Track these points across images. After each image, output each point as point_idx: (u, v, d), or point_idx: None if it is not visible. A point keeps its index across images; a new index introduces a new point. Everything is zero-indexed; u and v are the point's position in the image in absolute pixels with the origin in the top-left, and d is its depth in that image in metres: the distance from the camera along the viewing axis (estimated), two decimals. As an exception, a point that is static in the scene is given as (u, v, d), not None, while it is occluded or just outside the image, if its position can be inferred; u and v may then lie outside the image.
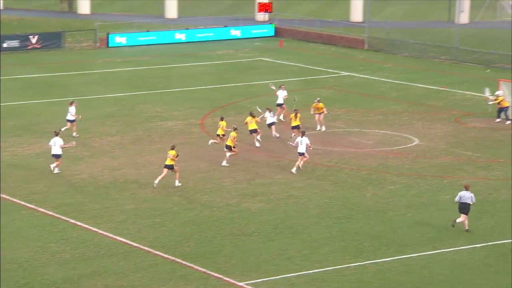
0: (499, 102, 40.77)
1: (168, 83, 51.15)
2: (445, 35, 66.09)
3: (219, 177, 32.92)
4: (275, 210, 29.43)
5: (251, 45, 65.05)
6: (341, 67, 55.75)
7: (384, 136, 38.84)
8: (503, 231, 27.34)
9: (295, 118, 37.35)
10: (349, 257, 25.39)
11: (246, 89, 49.53)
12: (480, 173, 33.41)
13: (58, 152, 32.82)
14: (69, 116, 38.33)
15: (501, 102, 40.74)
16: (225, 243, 26.52)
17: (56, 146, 32.79)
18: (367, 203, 30.05)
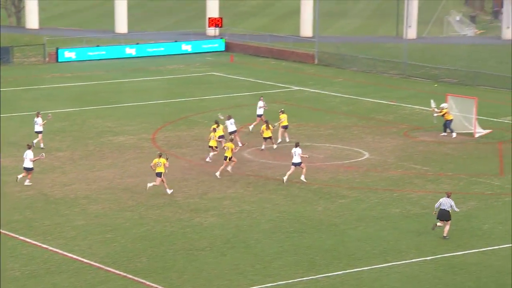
0: (443, 114, 41.37)
1: (119, 98, 50.89)
2: (393, 50, 66.98)
3: (171, 192, 32.79)
4: (227, 224, 29.42)
5: (202, 59, 65.12)
6: (291, 82, 56.09)
7: (335, 150, 39.14)
8: (452, 244, 27.70)
9: (266, 129, 37.71)
10: (301, 271, 25.48)
11: (197, 103, 49.53)
12: (429, 186, 33.85)
13: (28, 165, 33.02)
14: (37, 127, 38.67)
15: (445, 115, 41.33)
16: (177, 258, 26.42)
17: (27, 159, 32.97)
18: (318, 217, 30.22)
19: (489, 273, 25.35)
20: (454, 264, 26.01)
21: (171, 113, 46.90)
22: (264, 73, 59.77)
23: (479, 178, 34.82)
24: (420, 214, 30.45)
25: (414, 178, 34.80)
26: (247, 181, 34.27)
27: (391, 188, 33.51)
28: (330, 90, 53.50)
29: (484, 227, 29.22)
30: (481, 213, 30.58)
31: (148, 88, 54.33)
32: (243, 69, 61.34)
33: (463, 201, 31.84)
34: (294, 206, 31.35)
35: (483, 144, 40.14)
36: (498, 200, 32.06)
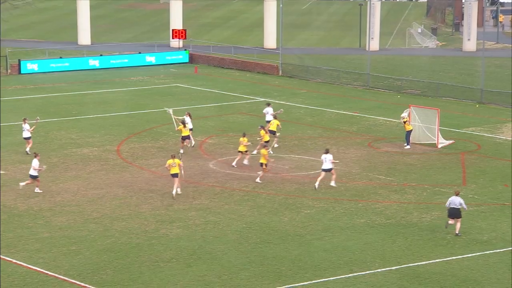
0: (404, 123, 41.65)
1: (83, 110, 50.59)
2: (357, 62, 67.52)
3: (136, 204, 32.68)
4: (193, 236, 29.36)
5: (166, 71, 65.03)
6: (256, 93, 56.23)
7: (300, 160, 39.28)
8: (417, 253, 27.92)
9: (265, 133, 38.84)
10: (268, 282, 25.50)
11: (162, 115, 49.37)
12: (393, 196, 34.10)
13: (33, 173, 33.56)
14: (25, 133, 39.31)
15: (405, 124, 41.64)
16: (143, 270, 26.28)
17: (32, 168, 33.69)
18: (284, 227, 30.28)
19: (453, 282, 25.57)
20: (418, 274, 26.21)
21: (136, 124, 46.74)
22: (228, 84, 59.86)
23: (443, 188, 35.17)
24: (385, 224, 30.65)
25: (379, 189, 35.04)
26: (213, 192, 34.24)
27: (356, 198, 33.70)
28: (294, 101, 53.72)
29: (447, 236, 29.49)
30: (445, 223, 30.85)
31: (112, 99, 54.09)
32: (207, 80, 61.38)
33: (427, 211, 32.13)
34: (260, 217, 31.38)
35: (446, 154, 40.56)
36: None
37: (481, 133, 45.24)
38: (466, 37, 76.00)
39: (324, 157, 34.66)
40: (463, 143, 42.62)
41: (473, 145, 42.52)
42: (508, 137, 44.38)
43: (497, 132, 45.60)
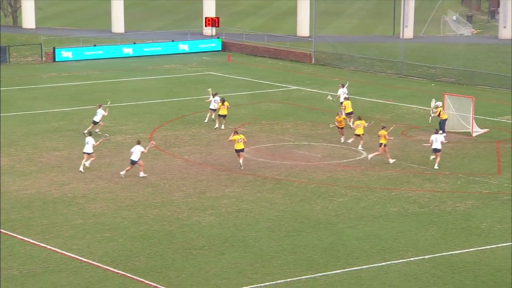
0: (438, 114, 41.32)
1: (116, 97, 50.83)
2: (390, 50, 67.06)
3: (169, 191, 32.82)
4: (225, 223, 29.42)
5: (199, 59, 65.13)
6: (289, 81, 56.11)
7: (333, 149, 39.15)
8: (450, 242, 27.73)
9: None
10: (300, 270, 25.49)
11: (195, 103, 49.51)
12: (426, 185, 33.87)
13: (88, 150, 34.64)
14: (97, 117, 40.52)
15: (440, 114, 41.28)
16: (176, 257, 26.41)
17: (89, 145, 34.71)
18: (317, 216, 30.22)
19: (487, 272, 25.37)
20: (452, 263, 26.02)
21: (168, 112, 46.89)
22: (261, 72, 59.79)
23: (477, 177, 34.86)
24: (418, 213, 30.48)
25: (412, 177, 34.82)
26: (245, 180, 34.27)
27: (389, 187, 33.53)
28: (327, 89, 53.51)
29: (482, 225, 29.25)
30: (479, 212, 30.61)
31: (145, 87, 54.31)
32: (240, 68, 61.35)
33: (461, 200, 31.88)
34: (292, 205, 31.35)
35: (480, 143, 40.18)
36: (496, 199, 32.10)
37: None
38: (502, 24, 75.09)
39: (434, 137, 35.72)
40: (498, 131, 42.18)
41: (508, 133, 42.06)
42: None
43: (533, 120, 45.08)
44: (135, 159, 34.05)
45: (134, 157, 34.07)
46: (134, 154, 34.02)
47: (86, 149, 34.99)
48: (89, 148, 34.90)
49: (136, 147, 34.13)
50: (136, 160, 34.03)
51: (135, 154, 34.01)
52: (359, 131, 38.24)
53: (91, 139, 35.02)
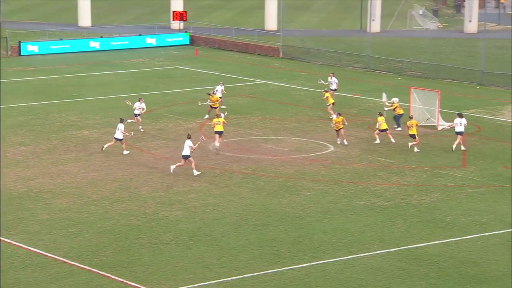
0: (394, 108, 41.62)
1: (83, 92, 50.55)
2: (357, 44, 67.35)
3: (136, 186, 32.73)
4: (193, 218, 29.41)
5: (166, 53, 64.91)
6: (256, 75, 56.14)
7: (300, 143, 39.28)
8: (416, 235, 27.97)
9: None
10: (267, 264, 25.57)
11: (162, 97, 49.38)
12: (393, 178, 34.11)
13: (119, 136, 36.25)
14: (136, 111, 40.60)
15: (396, 109, 41.59)
16: (143, 252, 26.36)
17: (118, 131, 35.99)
18: (284, 209, 30.32)
19: (451, 264, 25.63)
20: (417, 255, 26.26)
21: (136, 106, 46.61)
22: (229, 66, 59.76)
23: (442, 170, 35.19)
24: (384, 206, 30.70)
25: (378, 171, 35.05)
26: (213, 174, 34.28)
27: (355, 180, 33.72)
28: (295, 83, 53.66)
29: (447, 218, 29.55)
30: (444, 204, 30.91)
31: (112, 81, 54.04)
32: (208, 62, 61.27)
33: (426, 193, 32.16)
34: (259, 199, 31.42)
35: (446, 136, 40.52)
36: (461, 192, 32.42)
37: (481, 115, 45.21)
38: (467, 18, 75.71)
39: (458, 121, 37.28)
40: (463, 125, 42.55)
41: (473, 127, 42.46)
42: (508, 119, 44.36)
43: (498, 114, 45.54)
44: (186, 153, 33.61)
45: (185, 152, 33.64)
46: (185, 149, 33.66)
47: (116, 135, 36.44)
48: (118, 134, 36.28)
49: (186, 142, 33.75)
50: (189, 155, 33.59)
51: (185, 149, 33.65)
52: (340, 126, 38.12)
53: (121, 125, 36.31)
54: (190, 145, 33.60)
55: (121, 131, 36.19)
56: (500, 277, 24.73)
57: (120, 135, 36.32)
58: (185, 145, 33.70)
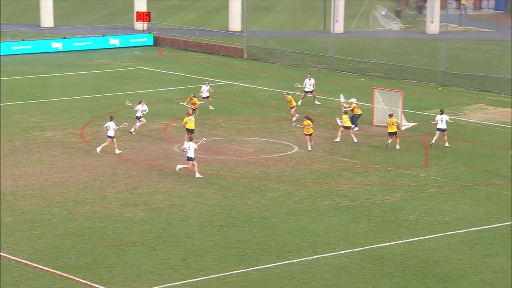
0: (352, 109, 41.92)
1: (45, 93, 50.16)
2: (321, 44, 67.65)
3: (100, 187, 32.56)
4: (158, 219, 29.35)
5: (130, 54, 64.65)
6: (221, 76, 56.15)
7: (265, 143, 39.37)
8: (380, 235, 28.19)
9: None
10: (232, 265, 25.60)
11: (126, 98, 49.11)
12: (357, 179, 34.34)
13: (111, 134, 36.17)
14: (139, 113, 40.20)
15: (354, 109, 41.90)
16: (107, 254, 26.24)
17: (110, 129, 36.24)
18: (249, 210, 30.38)
19: (415, 263, 25.87)
20: (381, 255, 26.47)
21: (100, 107, 46.47)
22: (193, 67, 59.68)
23: (405, 170, 35.50)
24: (348, 206, 30.90)
25: (343, 171, 35.26)
26: (178, 175, 34.23)
27: (320, 181, 33.89)
28: (259, 84, 53.76)
29: (410, 218, 29.82)
30: (407, 204, 31.19)
31: (75, 82, 53.69)
32: (172, 63, 61.14)
33: (390, 193, 32.43)
34: (224, 200, 31.44)
35: (408, 136, 40.87)
36: (423, 192, 32.74)
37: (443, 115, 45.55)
38: (429, 19, 76.42)
39: (440, 117, 38.34)
40: (426, 125, 42.95)
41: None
42: (470, 119, 44.88)
43: (459, 114, 46.04)
44: (191, 155, 33.66)
45: (190, 154, 33.69)
46: (190, 151, 33.68)
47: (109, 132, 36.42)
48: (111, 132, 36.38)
49: (190, 144, 33.84)
50: (193, 157, 33.64)
51: (190, 151, 33.67)
52: (309, 130, 37.72)
53: (112, 123, 36.37)
54: (195, 147, 33.73)
55: (114, 128, 36.42)
56: (462, 275, 25.03)
57: (113, 132, 36.46)
58: (190, 147, 33.72)
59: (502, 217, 29.77)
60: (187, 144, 34.12)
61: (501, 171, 35.23)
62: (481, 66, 59.63)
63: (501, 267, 25.52)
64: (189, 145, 33.94)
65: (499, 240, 27.71)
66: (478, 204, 31.18)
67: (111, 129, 36.41)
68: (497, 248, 26.99)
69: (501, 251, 26.74)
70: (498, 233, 28.29)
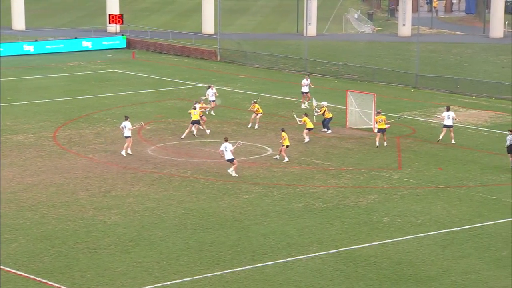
0: (323, 113, 42.12)
1: (17, 96, 49.80)
2: (294, 47, 67.83)
3: (73, 190, 32.40)
4: (131, 222, 29.25)
5: (103, 56, 64.39)
6: (194, 79, 56.10)
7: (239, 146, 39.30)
8: (353, 237, 28.31)
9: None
10: (206, 267, 25.59)
11: (99, 101, 48.97)
12: (330, 181, 34.46)
13: (229, 157, 34.60)
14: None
15: (324, 113, 42.10)
16: (80, 257, 26.11)
17: (126, 129, 36.59)
18: (223, 213, 30.38)
19: (388, 265, 26.01)
20: (355, 257, 26.58)
21: (72, 111, 46.24)
22: (166, 70, 59.57)
23: (379, 172, 35.68)
24: (322, 209, 30.99)
25: (317, 173, 35.37)
26: (151, 178, 34.15)
27: (294, 183, 33.97)
28: (233, 86, 53.78)
29: (383, 220, 29.97)
30: (381, 206, 31.36)
31: (47, 85, 53.37)
32: (145, 66, 60.98)
33: (364, 195, 32.58)
34: (198, 202, 31.41)
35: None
36: (397, 193, 32.93)
37: (416, 117, 45.96)
38: (401, 22, 76.92)
39: (446, 114, 39.53)
40: (398, 127, 43.22)
41: (408, 129, 43.18)
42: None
43: (431, 116, 46.37)
44: (230, 157, 34.09)
45: (228, 156, 34.12)
46: (227, 153, 34.06)
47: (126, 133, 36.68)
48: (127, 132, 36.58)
49: (227, 145, 34.17)
50: (232, 158, 34.06)
51: (227, 153, 34.06)
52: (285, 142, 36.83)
53: (128, 123, 36.53)
54: (231, 149, 34.12)
55: (130, 128, 36.65)
56: (435, 277, 25.21)
57: (129, 132, 36.70)
58: (227, 148, 34.12)
59: (474, 219, 30.03)
60: (224, 146, 34.46)
61: (473, 173, 35.53)
62: (452, 69, 60.10)
63: (473, 268, 25.73)
64: (225, 146, 34.40)
65: (471, 241, 27.94)
66: (451, 206, 31.42)
67: (127, 129, 36.68)
68: (469, 249, 27.21)
69: (473, 252, 26.97)
70: (470, 234, 28.53)
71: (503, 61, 64.30)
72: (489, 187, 33.68)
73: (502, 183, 34.15)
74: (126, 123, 36.82)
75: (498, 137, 41.33)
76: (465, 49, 69.93)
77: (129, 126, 36.80)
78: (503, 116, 46.19)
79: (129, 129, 36.78)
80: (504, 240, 27.91)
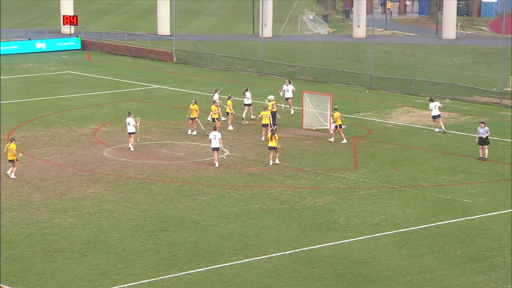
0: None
1: (-30, 98, 49.14)
2: (250, 48, 67.97)
3: (28, 193, 32.07)
4: (87, 225, 29.05)
5: (57, 58, 63.82)
6: (150, 80, 55.90)
7: (196, 147, 39.34)
8: (310, 237, 28.46)
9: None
10: (164, 269, 25.52)
11: (54, 102, 48.53)
12: (287, 181, 34.61)
13: (132, 130, 36.93)
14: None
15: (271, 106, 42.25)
16: (36, 260, 25.86)
17: (130, 126, 37.22)
18: (180, 214, 30.32)
19: (345, 265, 26.20)
20: (312, 257, 26.73)
21: (26, 112, 45.75)
22: (122, 71, 59.26)
23: (335, 172, 35.92)
24: (279, 209, 31.11)
25: (273, 174, 35.49)
26: (108, 180, 33.95)
27: (251, 184, 34.04)
28: (189, 88, 53.70)
29: (340, 220, 30.18)
30: (337, 206, 31.57)
31: (1, 87, 52.68)
32: (100, 67, 60.59)
33: (320, 196, 32.78)
34: (155, 204, 31.31)
35: (338, 139, 41.34)
36: (353, 194, 33.18)
37: (371, 118, 46.37)
38: (356, 24, 77.51)
39: (433, 105, 41.75)
40: (354, 128, 43.58)
41: (364, 130, 43.54)
42: (397, 121, 45.66)
43: (386, 117, 46.82)
44: (215, 146, 35.42)
45: (214, 145, 35.43)
46: (214, 141, 35.33)
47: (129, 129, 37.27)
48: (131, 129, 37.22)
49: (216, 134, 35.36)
50: (218, 147, 35.41)
51: (215, 141, 35.32)
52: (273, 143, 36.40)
53: (132, 119, 37.11)
54: (219, 137, 35.22)
55: (133, 124, 37.04)
56: (391, 276, 25.46)
57: (133, 128, 37.13)
58: (216, 137, 35.05)
59: (428, 218, 30.39)
60: (213, 134, 35.12)
61: (427, 173, 35.96)
62: (406, 70, 60.76)
63: (428, 268, 26.05)
64: (214, 135, 35.12)
65: (426, 241, 28.28)
66: (406, 206, 31.76)
67: (131, 125, 37.02)
68: (424, 249, 27.54)
69: (428, 252, 27.30)
70: (425, 234, 28.87)
71: (455, 62, 65.21)
72: (444, 187, 34.12)
73: (456, 183, 34.62)
74: (129, 119, 37.31)
75: (451, 138, 41.90)
76: (418, 50, 70.73)
77: (132, 122, 37.25)
78: (456, 117, 46.83)
79: (133, 125, 37.20)
80: (458, 239, 28.31)
